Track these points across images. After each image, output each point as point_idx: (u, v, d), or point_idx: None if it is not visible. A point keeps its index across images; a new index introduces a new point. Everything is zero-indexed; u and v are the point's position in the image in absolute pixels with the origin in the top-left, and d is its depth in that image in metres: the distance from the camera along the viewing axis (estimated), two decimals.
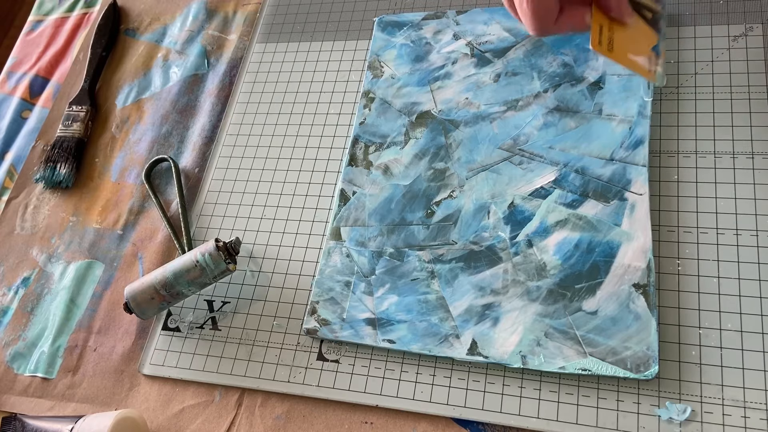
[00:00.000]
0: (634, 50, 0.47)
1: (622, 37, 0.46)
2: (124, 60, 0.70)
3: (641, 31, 0.47)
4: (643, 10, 0.47)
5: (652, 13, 0.48)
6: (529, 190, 0.49)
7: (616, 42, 0.46)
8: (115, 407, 0.51)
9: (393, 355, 0.47)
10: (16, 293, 0.59)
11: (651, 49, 0.47)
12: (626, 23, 0.46)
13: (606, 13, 0.45)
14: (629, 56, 0.46)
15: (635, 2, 0.47)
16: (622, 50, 0.46)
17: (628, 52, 0.46)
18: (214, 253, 0.49)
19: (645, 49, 0.47)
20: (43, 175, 0.63)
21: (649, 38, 0.48)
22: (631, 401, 0.42)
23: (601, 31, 0.45)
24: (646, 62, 0.47)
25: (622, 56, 0.46)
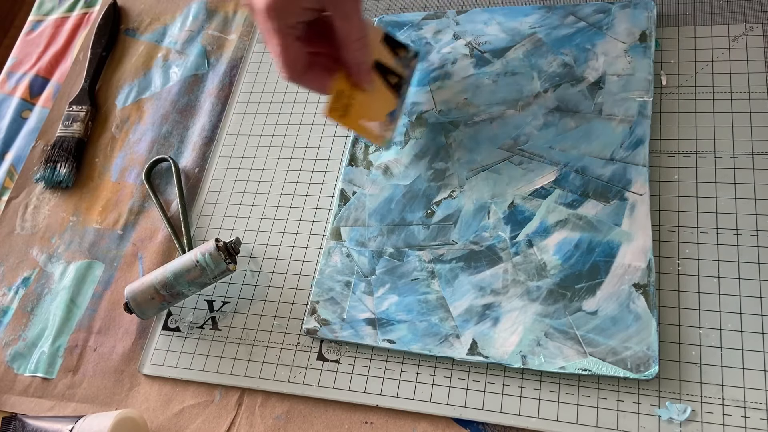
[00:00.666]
0: (369, 116, 0.48)
1: (360, 103, 0.48)
2: (124, 60, 0.70)
3: (382, 96, 0.49)
4: (389, 75, 0.49)
5: (398, 78, 0.50)
6: (529, 190, 0.49)
7: (353, 107, 0.47)
8: (115, 407, 0.51)
9: (393, 355, 0.47)
10: (16, 293, 0.59)
11: (387, 114, 0.49)
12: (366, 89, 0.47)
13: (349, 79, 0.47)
14: (362, 122, 0.48)
15: (383, 66, 0.48)
16: (355, 116, 0.48)
17: (362, 117, 0.48)
18: (214, 253, 0.49)
19: (380, 115, 0.49)
20: (43, 175, 0.63)
21: (388, 104, 0.50)
22: (631, 401, 0.42)
23: (339, 98, 0.47)
24: (378, 127, 0.49)
25: (353, 122, 0.48)
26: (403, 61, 0.50)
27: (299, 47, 0.44)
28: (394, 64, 0.50)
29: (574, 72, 0.53)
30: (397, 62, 0.50)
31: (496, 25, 0.57)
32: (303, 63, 0.45)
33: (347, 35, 0.44)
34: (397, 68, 0.49)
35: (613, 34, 0.53)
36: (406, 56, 0.51)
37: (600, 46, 0.53)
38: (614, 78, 0.51)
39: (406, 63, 0.50)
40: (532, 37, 0.55)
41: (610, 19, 0.54)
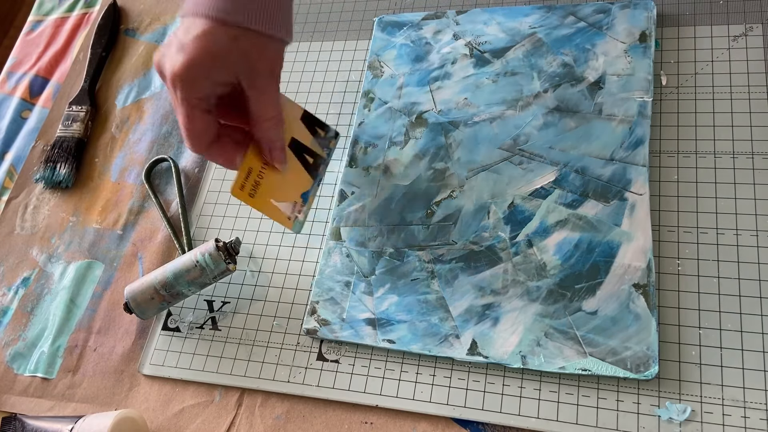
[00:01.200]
0: (279, 196, 0.46)
1: (270, 181, 0.46)
2: (124, 60, 0.70)
3: (295, 176, 0.47)
4: (305, 154, 0.47)
5: (314, 158, 0.48)
6: (529, 190, 0.49)
7: (262, 186, 0.45)
8: (115, 407, 0.51)
9: (393, 355, 0.47)
10: (16, 293, 0.59)
11: (300, 195, 0.47)
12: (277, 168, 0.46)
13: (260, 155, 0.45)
14: (271, 202, 0.46)
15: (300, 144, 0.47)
16: (265, 195, 0.46)
17: (272, 197, 0.46)
18: (214, 253, 0.49)
19: (293, 195, 0.47)
20: (43, 175, 0.63)
21: (302, 184, 0.48)
22: (631, 401, 0.42)
23: (248, 175, 0.45)
24: (289, 208, 0.47)
25: (262, 202, 0.46)
26: (322, 140, 0.49)
27: (207, 120, 0.42)
28: (312, 143, 0.48)
29: (574, 72, 0.53)
30: (316, 141, 0.48)
31: (496, 25, 0.57)
32: (209, 136, 0.43)
33: (260, 112, 0.43)
34: (314, 147, 0.48)
35: (613, 34, 0.53)
36: (325, 136, 0.49)
37: (600, 46, 0.53)
38: (614, 78, 0.51)
39: (325, 143, 0.49)
40: (532, 37, 0.55)
41: (610, 19, 0.54)
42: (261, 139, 0.44)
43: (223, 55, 0.40)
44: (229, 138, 0.45)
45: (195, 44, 0.39)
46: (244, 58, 0.41)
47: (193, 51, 0.39)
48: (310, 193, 0.48)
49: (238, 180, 0.44)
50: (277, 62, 0.43)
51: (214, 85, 0.41)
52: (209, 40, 0.39)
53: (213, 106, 0.42)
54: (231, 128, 0.45)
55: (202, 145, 0.43)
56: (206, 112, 0.42)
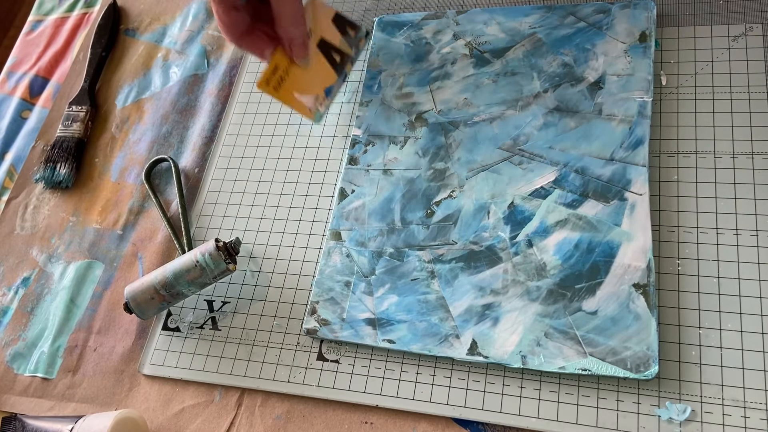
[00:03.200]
0: (304, 89, 0.51)
1: (295, 76, 0.50)
2: (124, 60, 0.70)
3: (320, 71, 0.51)
4: (333, 52, 0.52)
5: (341, 56, 0.52)
6: (529, 190, 0.49)
7: (288, 80, 0.49)
8: (115, 407, 0.51)
9: (393, 355, 0.47)
10: (16, 293, 0.59)
11: (324, 90, 0.51)
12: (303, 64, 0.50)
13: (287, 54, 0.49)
14: (295, 95, 0.50)
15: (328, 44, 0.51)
16: (289, 89, 0.50)
17: (296, 90, 0.50)
18: (214, 253, 0.49)
19: (316, 89, 0.51)
20: (43, 175, 0.63)
21: (326, 79, 0.52)
22: (631, 401, 0.42)
23: (275, 71, 0.49)
24: (312, 101, 0.51)
25: (285, 95, 0.50)
26: (351, 40, 0.53)
27: (235, 15, 0.47)
28: (341, 43, 0.52)
29: (574, 72, 0.53)
30: (345, 41, 0.52)
31: (496, 25, 0.57)
32: (239, 30, 0.48)
33: (279, 11, 0.47)
34: (342, 47, 0.52)
35: (613, 34, 0.53)
36: (355, 36, 0.53)
37: (600, 46, 0.53)
38: (614, 78, 0.51)
39: (354, 42, 0.53)
40: (532, 37, 0.55)
41: (609, 19, 0.54)
42: (282, 36, 0.48)
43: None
44: (262, 32, 0.49)
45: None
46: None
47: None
48: (333, 88, 0.52)
49: (264, 75, 0.48)
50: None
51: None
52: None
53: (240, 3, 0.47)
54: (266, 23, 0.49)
55: (233, 37, 0.48)
56: (233, 8, 0.47)
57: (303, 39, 0.49)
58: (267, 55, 0.49)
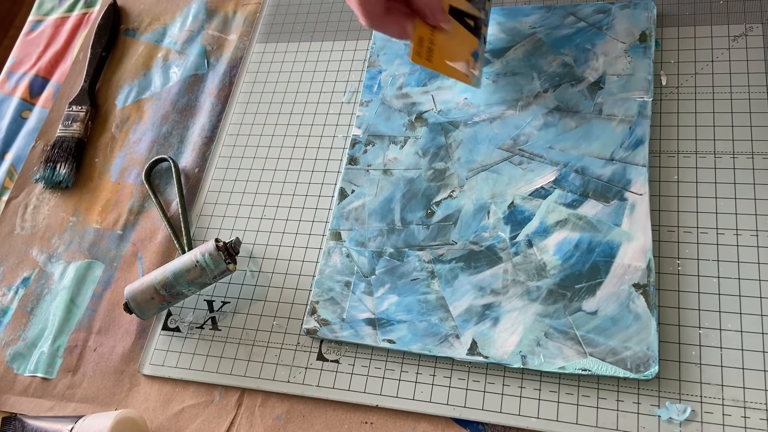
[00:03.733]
0: (453, 56, 0.50)
1: (441, 45, 0.49)
2: (124, 60, 0.70)
3: (462, 37, 0.51)
4: (465, 18, 0.51)
5: (474, 20, 0.51)
6: (529, 190, 0.49)
7: (435, 50, 0.49)
8: (115, 407, 0.51)
9: (393, 355, 0.47)
10: (16, 293, 0.59)
11: (471, 54, 0.51)
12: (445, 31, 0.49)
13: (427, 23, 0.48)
14: (447, 63, 0.50)
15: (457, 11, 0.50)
16: (440, 58, 0.49)
17: (446, 58, 0.50)
18: (214, 253, 0.49)
19: (464, 55, 0.51)
20: (43, 175, 0.63)
21: (470, 44, 0.51)
22: (631, 401, 0.42)
23: (421, 43, 0.48)
24: (464, 67, 0.50)
25: (440, 64, 0.49)
26: (477, 3, 0.52)
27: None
28: (469, 7, 0.51)
29: (574, 72, 0.53)
30: (472, 5, 0.51)
31: (496, 25, 0.57)
32: (379, 9, 0.47)
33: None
34: (472, 11, 0.51)
35: (613, 34, 0.53)
36: None
37: (600, 46, 0.53)
38: (614, 78, 0.51)
39: (480, 5, 0.52)
40: (532, 37, 0.55)
41: (609, 19, 0.54)
42: (419, 5, 0.47)
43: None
44: (398, 11, 0.49)
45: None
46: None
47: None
48: (479, 51, 0.51)
49: (414, 48, 0.48)
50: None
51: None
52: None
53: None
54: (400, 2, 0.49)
55: (375, 18, 0.48)
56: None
57: (439, 3, 0.48)
58: (409, 31, 0.49)
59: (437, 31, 0.49)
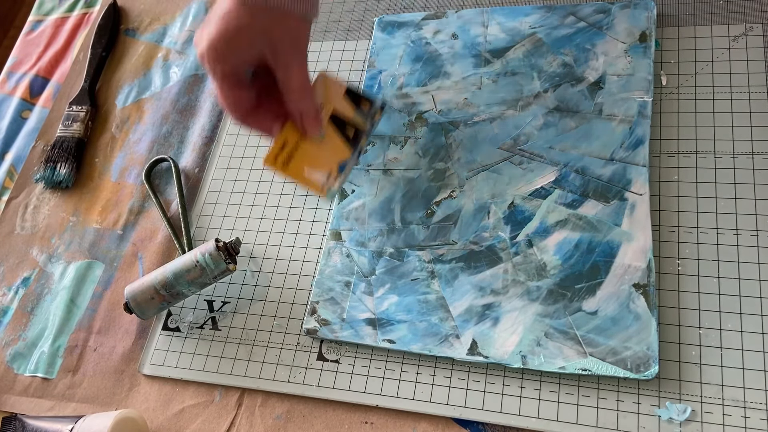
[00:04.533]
0: (315, 165, 0.48)
1: (306, 152, 0.47)
2: (124, 60, 0.70)
3: (333, 147, 0.48)
4: (346, 126, 0.49)
5: (355, 130, 0.49)
6: (529, 190, 0.49)
7: (296, 157, 0.47)
8: (115, 407, 0.51)
9: (393, 355, 0.47)
10: (16, 293, 0.59)
11: (337, 165, 0.48)
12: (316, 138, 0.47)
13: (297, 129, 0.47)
14: (306, 171, 0.47)
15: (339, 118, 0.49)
16: (299, 165, 0.47)
17: (307, 166, 0.47)
18: (214, 253, 0.49)
19: (328, 165, 0.48)
20: (43, 175, 0.63)
21: (339, 155, 0.49)
22: (631, 401, 0.42)
23: (282, 147, 0.47)
24: (324, 177, 0.48)
25: (295, 172, 0.47)
26: (365, 113, 0.50)
27: (237, 92, 0.45)
28: (354, 117, 0.49)
29: (574, 72, 0.53)
30: (358, 114, 0.49)
31: (496, 25, 0.57)
32: (243, 107, 0.46)
33: (287, 85, 0.45)
34: (356, 120, 0.49)
35: (613, 34, 0.53)
36: (369, 109, 0.50)
37: (600, 46, 0.53)
38: (614, 78, 0.51)
39: (369, 115, 0.50)
40: (532, 37, 0.55)
41: (610, 19, 0.54)
42: (292, 110, 0.46)
43: (242, 31, 0.42)
44: (268, 109, 0.47)
45: (218, 23, 0.42)
46: (264, 34, 0.43)
47: (215, 29, 0.42)
48: (347, 163, 0.49)
49: (272, 151, 0.47)
50: (299, 36, 0.44)
51: (239, 61, 0.44)
52: (231, 18, 0.42)
53: (246, 80, 0.45)
54: (273, 99, 0.47)
55: (237, 115, 0.46)
56: (236, 85, 0.45)
57: (315, 111, 0.47)
58: (275, 131, 0.47)
59: (305, 139, 0.48)
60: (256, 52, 0.44)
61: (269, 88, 0.47)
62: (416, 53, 0.58)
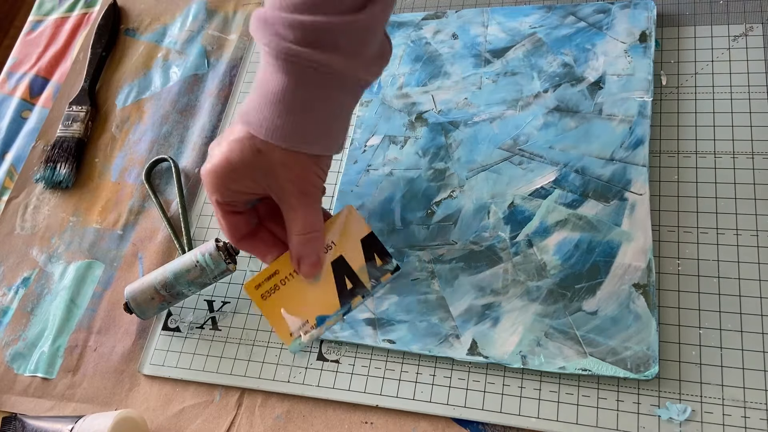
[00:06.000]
0: (294, 309, 0.43)
1: (292, 291, 0.43)
2: (124, 60, 0.70)
3: (322, 295, 0.43)
4: (346, 277, 0.44)
5: (354, 286, 0.44)
6: (529, 190, 0.49)
7: (280, 292, 0.43)
8: (115, 407, 0.51)
9: (393, 355, 0.47)
10: (16, 293, 0.59)
11: (316, 317, 0.43)
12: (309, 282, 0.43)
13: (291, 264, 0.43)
14: (282, 310, 0.43)
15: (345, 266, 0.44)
16: (277, 303, 0.43)
17: (284, 307, 0.43)
18: (214, 253, 0.49)
19: (308, 314, 0.43)
20: (43, 175, 0.63)
21: (325, 306, 0.43)
22: (631, 401, 0.42)
23: (271, 276, 0.43)
24: (297, 324, 0.43)
25: (271, 308, 0.43)
26: (374, 270, 0.44)
27: (234, 219, 0.42)
28: (360, 270, 0.44)
29: (574, 72, 0.53)
30: (366, 268, 0.44)
31: (496, 25, 0.57)
32: (239, 233, 0.43)
33: (290, 226, 0.41)
34: (361, 274, 0.44)
35: (613, 34, 0.53)
36: (381, 267, 0.44)
37: (600, 46, 0.53)
38: (614, 78, 0.51)
39: (377, 274, 0.44)
40: (532, 37, 0.55)
41: (610, 19, 0.54)
42: (290, 250, 0.42)
43: (243, 167, 0.39)
44: (269, 234, 0.44)
45: (221, 152, 0.39)
46: (267, 173, 0.39)
47: (217, 158, 0.39)
48: (329, 318, 0.43)
49: (257, 277, 0.43)
50: (308, 178, 0.40)
51: (235, 196, 0.41)
52: (234, 150, 0.39)
53: (245, 208, 0.43)
54: (276, 223, 0.44)
55: (233, 239, 0.43)
56: (232, 213, 0.42)
57: (317, 258, 0.43)
58: (269, 260, 0.44)
59: (297, 276, 0.43)
60: (257, 189, 0.40)
61: (273, 212, 0.43)
62: (416, 53, 0.58)
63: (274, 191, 0.40)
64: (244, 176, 0.39)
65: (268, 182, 0.40)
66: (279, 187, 0.40)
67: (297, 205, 0.40)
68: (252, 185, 0.40)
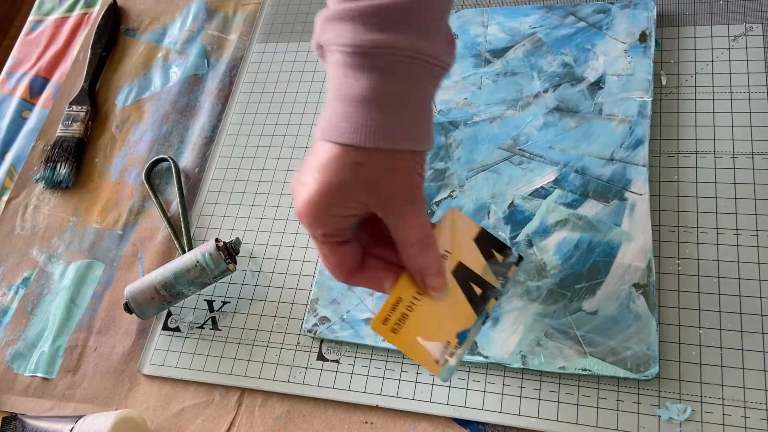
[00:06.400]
0: (430, 334, 0.39)
1: (421, 315, 0.39)
2: (124, 60, 0.70)
3: (455, 309, 0.39)
4: (472, 283, 0.40)
5: (483, 288, 0.40)
6: (529, 190, 0.49)
7: (410, 320, 0.38)
8: (115, 407, 0.51)
9: (393, 355, 0.47)
10: (16, 293, 0.59)
11: (456, 335, 0.39)
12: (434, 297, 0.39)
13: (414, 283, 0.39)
14: (418, 341, 0.39)
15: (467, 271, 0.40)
16: (412, 332, 0.38)
17: (419, 334, 0.39)
18: (214, 253, 0.49)
19: (446, 334, 0.39)
20: (43, 175, 0.63)
21: (462, 320, 0.39)
22: (631, 401, 0.42)
23: (396, 306, 0.38)
24: (439, 349, 0.38)
25: (407, 340, 0.38)
26: (498, 267, 0.40)
27: (341, 252, 0.38)
28: (484, 271, 0.40)
29: (574, 72, 0.53)
30: (489, 268, 0.40)
31: (496, 25, 0.57)
32: (347, 267, 0.39)
33: (402, 238, 0.37)
34: (486, 276, 0.40)
35: (613, 34, 0.53)
36: (504, 261, 0.40)
37: (600, 46, 0.53)
38: (614, 78, 0.51)
39: (502, 270, 0.40)
40: (532, 37, 0.55)
41: (610, 19, 0.54)
42: (410, 266, 0.38)
43: (344, 187, 0.35)
44: (378, 259, 0.40)
45: (314, 180, 0.36)
46: (370, 186, 0.36)
47: (314, 186, 0.35)
48: (469, 333, 0.39)
49: (382, 311, 0.38)
50: (411, 178, 0.37)
51: (342, 222, 0.37)
52: (332, 171, 0.35)
53: (350, 235, 0.38)
54: (383, 246, 0.40)
55: (341, 277, 0.39)
56: (339, 244, 0.38)
57: (438, 266, 0.38)
58: (386, 287, 0.39)
59: (424, 295, 0.39)
60: (362, 208, 0.36)
61: (377, 234, 0.39)
62: None
63: (380, 203, 0.36)
64: (347, 197, 0.36)
65: (373, 196, 0.36)
66: (385, 197, 0.36)
67: (406, 212, 0.37)
68: (357, 205, 0.36)
